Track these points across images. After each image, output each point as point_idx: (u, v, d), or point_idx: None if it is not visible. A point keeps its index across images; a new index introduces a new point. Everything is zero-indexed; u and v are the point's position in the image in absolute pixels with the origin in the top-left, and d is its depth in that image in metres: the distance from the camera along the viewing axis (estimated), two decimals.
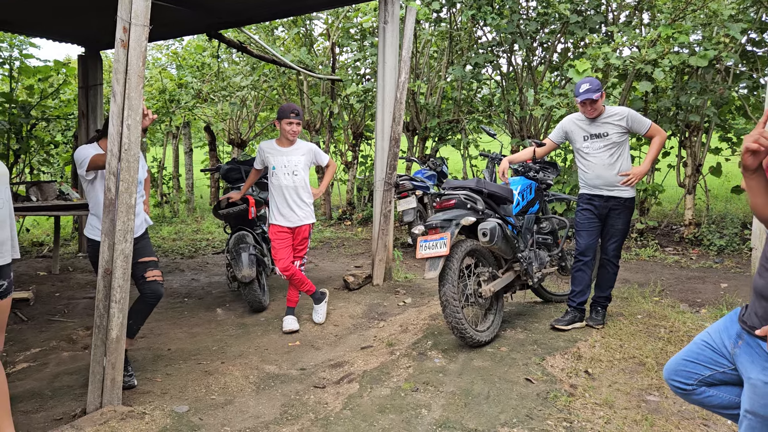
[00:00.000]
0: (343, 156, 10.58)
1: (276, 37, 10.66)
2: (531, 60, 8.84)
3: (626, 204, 4.48)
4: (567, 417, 3.25)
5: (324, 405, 3.51)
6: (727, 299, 5.38)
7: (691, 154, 7.83)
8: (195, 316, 5.34)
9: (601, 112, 4.45)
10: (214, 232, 9.55)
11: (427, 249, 4.06)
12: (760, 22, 7.25)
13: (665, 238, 8.15)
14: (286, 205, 4.76)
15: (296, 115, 4.70)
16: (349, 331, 4.85)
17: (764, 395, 1.95)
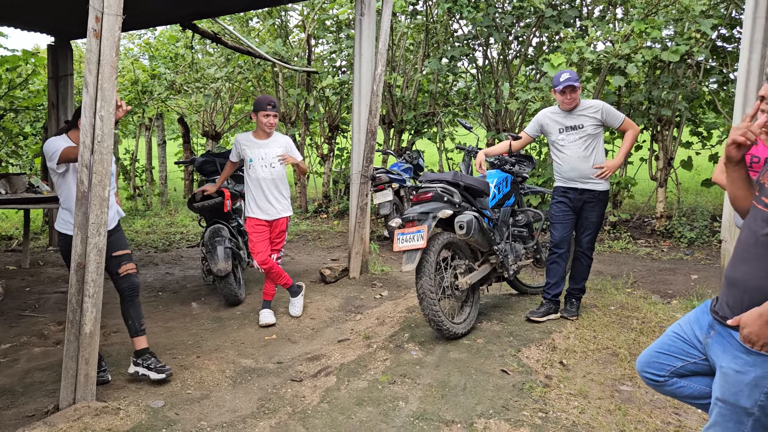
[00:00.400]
0: (319, 149, 10.53)
1: (251, 28, 10.55)
2: (506, 53, 8.89)
3: (600, 197, 4.54)
4: (542, 407, 3.29)
5: (301, 398, 3.51)
6: (698, 290, 5.50)
7: (663, 147, 7.96)
8: (170, 310, 5.28)
9: (577, 104, 4.50)
10: (188, 225, 9.44)
11: (405, 242, 4.07)
12: (730, 18, 7.39)
13: (638, 230, 8.29)
14: (264, 198, 4.73)
15: (273, 108, 4.65)
16: (326, 324, 4.84)
17: (735, 383, 2.00)
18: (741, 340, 1.97)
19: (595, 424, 3.12)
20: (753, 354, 1.95)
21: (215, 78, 10.08)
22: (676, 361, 2.29)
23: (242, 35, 9.22)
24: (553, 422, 3.14)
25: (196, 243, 8.14)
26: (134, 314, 3.75)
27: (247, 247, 5.10)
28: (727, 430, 2.05)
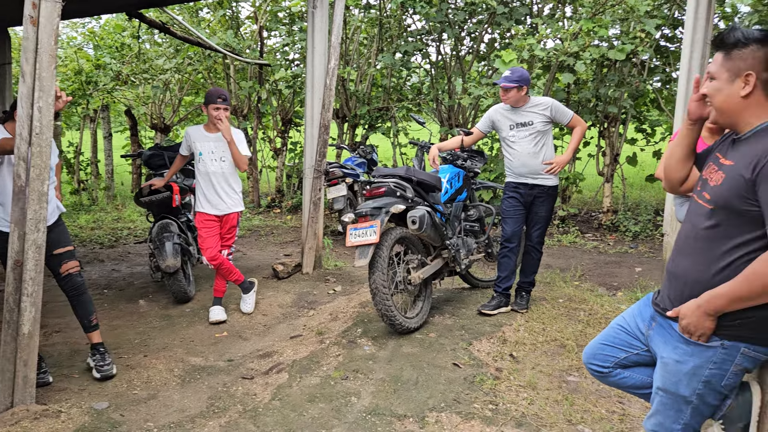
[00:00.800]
0: (272, 142, 10.39)
1: (201, 18, 10.30)
2: (459, 49, 8.95)
3: (549, 192, 4.63)
4: (493, 400, 3.34)
5: (252, 396, 3.46)
6: (641, 282, 5.68)
7: (610, 144, 8.18)
8: (116, 308, 5.12)
9: (525, 101, 4.57)
10: (136, 221, 9.18)
11: (357, 237, 4.05)
12: (673, 19, 7.63)
13: (585, 224, 8.50)
14: (214, 192, 4.63)
15: (223, 101, 4.55)
16: (278, 321, 4.79)
17: (675, 373, 2.06)
18: (680, 331, 2.03)
19: (543, 415, 3.18)
20: (691, 344, 2.02)
21: (164, 69, 9.81)
22: (620, 352, 2.35)
23: (192, 26, 9.00)
24: (502, 414, 3.19)
25: (144, 239, 7.92)
26: (82, 312, 3.70)
27: (197, 242, 5.00)
28: (668, 418, 2.12)
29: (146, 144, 11.64)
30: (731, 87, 1.96)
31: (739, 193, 1.89)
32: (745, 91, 1.93)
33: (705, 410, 2.08)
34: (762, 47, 1.90)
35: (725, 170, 1.97)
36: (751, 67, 1.91)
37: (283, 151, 10.29)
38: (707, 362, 2.00)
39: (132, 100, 10.80)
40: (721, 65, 1.98)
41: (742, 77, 1.93)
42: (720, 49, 2.00)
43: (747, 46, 1.92)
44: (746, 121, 1.97)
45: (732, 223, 1.93)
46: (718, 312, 1.93)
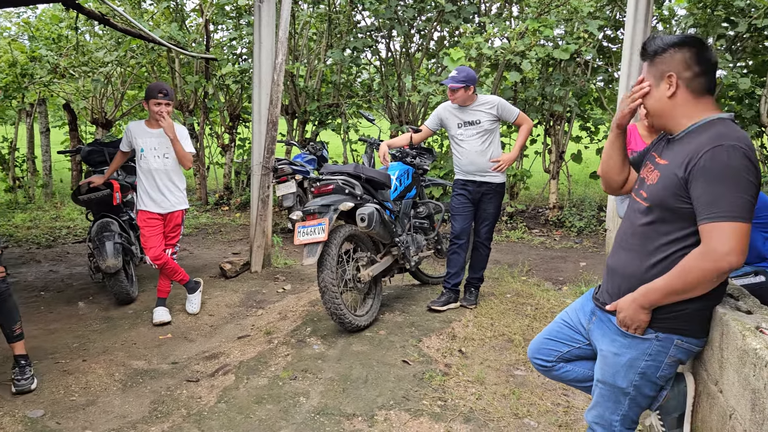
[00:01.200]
0: (219, 138, 10.17)
1: (143, 10, 9.98)
2: (409, 47, 8.98)
3: (497, 189, 4.69)
4: (441, 396, 3.36)
5: (197, 399, 3.38)
6: (585, 277, 5.83)
7: (555, 141, 8.36)
8: (53, 311, 4.92)
9: (473, 100, 4.61)
10: (75, 219, 8.84)
11: (305, 235, 4.01)
12: (615, 20, 7.86)
13: (532, 220, 8.67)
14: (157, 190, 4.50)
15: (165, 95, 4.42)
16: (226, 321, 4.70)
17: (613, 365, 2.12)
18: (617, 324, 2.09)
19: (491, 409, 3.22)
20: (628, 337, 2.08)
21: (104, 62, 9.45)
22: (563, 346, 2.40)
23: (134, 17, 8.71)
24: (451, 410, 3.21)
25: (83, 238, 7.64)
26: (4, 320, 3.44)
27: (140, 241, 4.85)
28: (607, 409, 2.17)
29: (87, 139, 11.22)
30: (658, 90, 2.06)
31: (673, 191, 1.95)
32: (670, 92, 2.02)
33: (642, 401, 2.15)
34: (679, 50, 2.01)
35: (660, 169, 2.04)
36: (671, 68, 2.01)
37: (231, 147, 10.09)
38: (643, 354, 2.06)
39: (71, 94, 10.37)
40: (647, 72, 2.10)
41: (665, 79, 2.02)
42: (644, 58, 2.12)
43: (666, 51, 2.03)
44: (677, 121, 2.05)
45: (666, 220, 2.00)
46: (653, 305, 1.99)
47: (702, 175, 1.86)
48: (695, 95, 2.01)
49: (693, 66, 1.99)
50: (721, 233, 1.82)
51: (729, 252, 1.81)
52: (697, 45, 2.01)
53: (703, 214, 1.86)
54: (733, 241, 1.81)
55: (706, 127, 1.96)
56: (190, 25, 10.09)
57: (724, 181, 1.83)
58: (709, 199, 1.84)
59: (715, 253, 1.83)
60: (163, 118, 4.36)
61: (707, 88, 2.02)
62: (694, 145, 1.93)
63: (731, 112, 2.05)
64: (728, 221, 1.81)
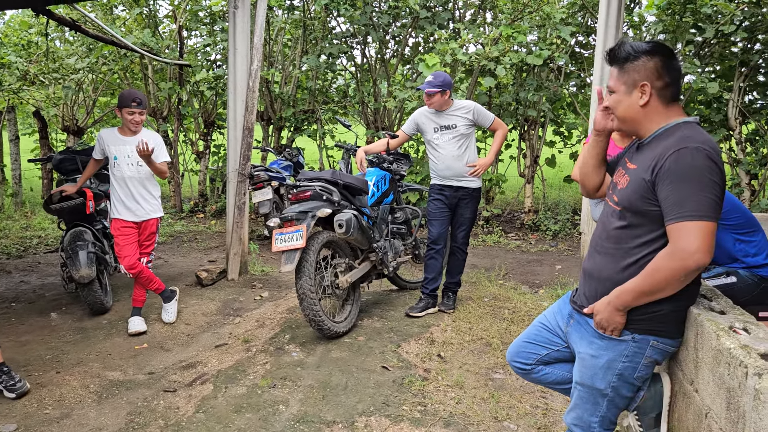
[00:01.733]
0: (194, 145, 10.08)
1: (116, 16, 9.86)
2: (384, 52, 9.00)
3: (473, 194, 4.73)
4: (421, 401, 3.36)
5: (175, 410, 3.33)
6: (561, 279, 5.89)
7: (530, 146, 8.45)
8: (25, 322, 4.81)
9: (449, 105, 4.65)
10: (47, 229, 8.67)
11: (283, 242, 3.99)
12: (587, 26, 7.98)
13: (508, 224, 8.74)
14: (131, 198, 4.44)
15: (138, 104, 4.37)
16: (203, 330, 4.64)
17: (591, 367, 2.15)
18: (594, 327, 2.12)
19: (471, 413, 3.23)
20: (605, 339, 2.11)
21: (76, 69, 9.31)
22: (542, 349, 2.43)
23: (105, 24, 8.59)
24: (431, 415, 3.22)
25: (56, 248, 7.50)
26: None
27: (114, 250, 4.77)
28: (586, 411, 2.20)
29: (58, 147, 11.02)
30: (630, 98, 2.08)
31: (642, 195, 2.00)
32: (642, 101, 2.05)
33: (620, 402, 2.18)
34: (651, 58, 2.03)
35: (630, 174, 2.09)
36: (645, 77, 2.03)
37: (205, 154, 10.00)
38: (620, 356, 2.09)
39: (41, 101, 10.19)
40: (617, 79, 2.10)
41: (638, 88, 2.04)
42: (614, 64, 2.11)
43: (638, 58, 2.04)
44: (646, 127, 2.09)
45: (637, 223, 2.04)
46: (627, 307, 2.03)
47: (667, 177, 1.91)
48: (665, 103, 2.06)
49: (664, 76, 2.03)
50: (687, 232, 1.86)
51: (696, 251, 1.86)
52: (667, 53, 2.05)
53: (669, 215, 1.91)
54: (699, 239, 1.85)
55: (672, 131, 2.01)
56: (164, 31, 10.00)
57: (688, 181, 1.87)
58: (675, 199, 1.89)
59: (683, 252, 1.87)
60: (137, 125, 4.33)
61: (675, 96, 2.07)
62: (660, 148, 1.98)
63: (697, 117, 2.10)
64: (694, 220, 1.86)
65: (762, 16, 6.73)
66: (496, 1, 8.59)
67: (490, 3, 8.61)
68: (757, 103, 8.00)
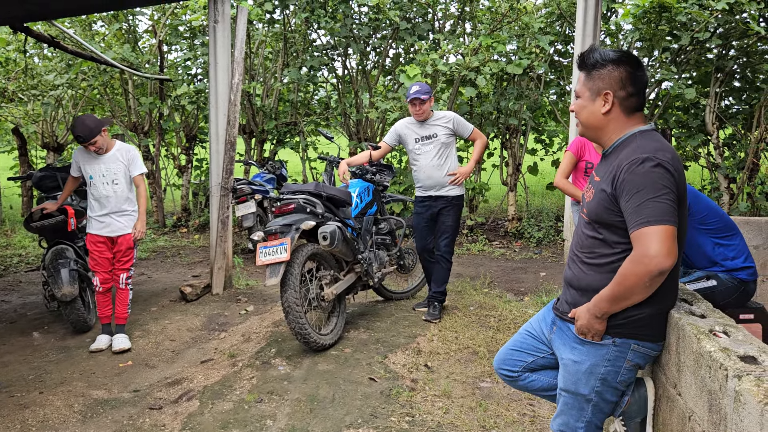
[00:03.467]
0: (176, 160, 10.03)
1: (95, 32, 9.81)
2: (365, 64, 9.05)
3: (454, 202, 4.76)
4: (409, 411, 3.36)
5: (161, 427, 3.30)
6: (546, 286, 5.93)
7: (512, 154, 8.52)
8: (6, 342, 4.74)
9: (429, 115, 4.69)
10: (27, 247, 8.56)
11: (267, 255, 3.98)
12: (565, 35, 8.09)
13: (492, 232, 8.79)
14: (106, 214, 4.42)
15: (84, 140, 4.27)
16: (188, 346, 4.60)
17: (574, 373, 2.17)
18: (576, 333, 2.14)
19: (459, 423, 3.24)
20: (586, 344, 2.13)
21: (55, 85, 9.24)
22: (528, 356, 2.44)
23: (84, 39, 8.55)
24: (419, 425, 3.21)
25: (37, 266, 7.40)
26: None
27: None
28: (571, 417, 2.22)
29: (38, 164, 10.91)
30: (593, 105, 2.12)
31: (606, 207, 2.05)
32: (605, 109, 2.10)
33: (605, 407, 2.20)
34: (617, 67, 2.07)
35: (595, 186, 2.14)
36: (608, 86, 2.08)
37: (188, 168, 9.95)
38: (602, 360, 2.12)
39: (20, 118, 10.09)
40: (583, 84, 2.15)
41: (602, 96, 2.08)
42: (582, 69, 2.16)
43: (604, 66, 2.08)
44: (608, 136, 2.14)
45: (606, 234, 2.09)
46: (605, 314, 2.06)
47: (624, 189, 1.97)
48: (627, 113, 2.10)
49: (628, 86, 2.07)
50: (646, 238, 1.91)
51: (656, 254, 1.90)
52: (633, 64, 2.08)
53: (630, 224, 1.96)
54: (658, 243, 1.90)
55: (627, 141, 2.07)
56: (143, 46, 9.97)
57: (642, 190, 1.93)
58: (632, 209, 1.95)
59: (645, 257, 1.91)
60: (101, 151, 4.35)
61: (638, 107, 2.11)
62: (617, 161, 2.04)
63: (653, 124, 2.14)
64: (651, 225, 1.91)
65: (735, 23, 6.88)
66: (475, 12, 8.68)
67: (469, 14, 8.71)
68: (733, 108, 8.15)
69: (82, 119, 4.30)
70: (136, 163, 4.51)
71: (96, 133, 4.31)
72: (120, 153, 4.46)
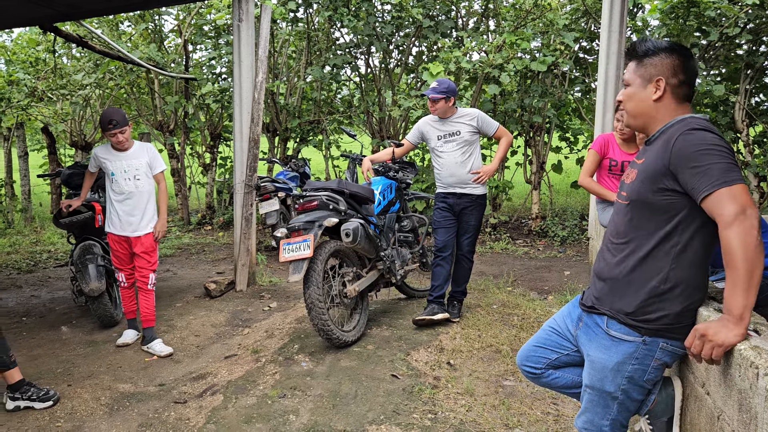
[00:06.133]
0: (200, 158, 10.14)
1: (122, 32, 9.97)
2: (388, 62, 9.05)
3: (478, 200, 4.72)
4: (431, 409, 3.35)
5: (185, 421, 3.33)
6: (570, 285, 5.87)
7: (536, 152, 8.45)
8: (36, 336, 4.84)
9: (452, 112, 4.66)
10: (56, 243, 8.73)
11: (291, 252, 4.00)
12: (590, 32, 8.00)
13: (516, 231, 8.72)
14: (128, 213, 4.41)
15: (115, 125, 4.30)
16: (212, 341, 4.65)
17: (600, 370, 2.14)
18: (712, 358, 1.87)
19: (481, 421, 3.22)
20: (614, 342, 2.10)
21: (83, 84, 9.41)
22: (552, 353, 2.42)
23: (112, 39, 8.69)
24: (441, 422, 3.20)
25: (65, 262, 7.54)
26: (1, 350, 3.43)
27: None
28: (596, 415, 2.19)
29: (66, 162, 11.12)
30: (644, 91, 2.10)
31: (651, 182, 2.01)
32: (656, 95, 2.07)
33: (631, 405, 2.16)
34: (670, 55, 2.06)
35: (638, 168, 2.11)
36: (660, 72, 2.06)
37: (212, 166, 10.06)
38: (630, 358, 2.08)
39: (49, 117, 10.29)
40: (633, 72, 2.13)
41: (653, 82, 2.06)
42: (633, 58, 2.15)
43: (657, 54, 2.08)
44: (655, 125, 2.11)
45: (644, 216, 2.05)
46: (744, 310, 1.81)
47: (682, 156, 1.92)
48: (677, 101, 2.08)
49: (679, 74, 2.06)
50: (729, 197, 1.81)
51: (746, 205, 1.80)
52: (686, 53, 2.08)
53: (701, 190, 1.86)
54: (743, 197, 1.81)
55: (675, 123, 2.04)
56: (169, 45, 10.09)
57: (705, 154, 1.87)
58: (700, 174, 1.87)
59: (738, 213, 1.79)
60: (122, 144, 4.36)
61: (688, 96, 2.09)
62: (665, 137, 2.02)
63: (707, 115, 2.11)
64: (728, 185, 1.83)
65: (766, 18, 6.73)
66: (499, 9, 8.62)
67: (493, 11, 8.65)
68: (763, 105, 7.98)
69: (113, 109, 4.39)
70: (158, 159, 4.54)
71: (127, 121, 4.40)
72: (142, 149, 4.48)
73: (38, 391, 3.52)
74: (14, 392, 3.49)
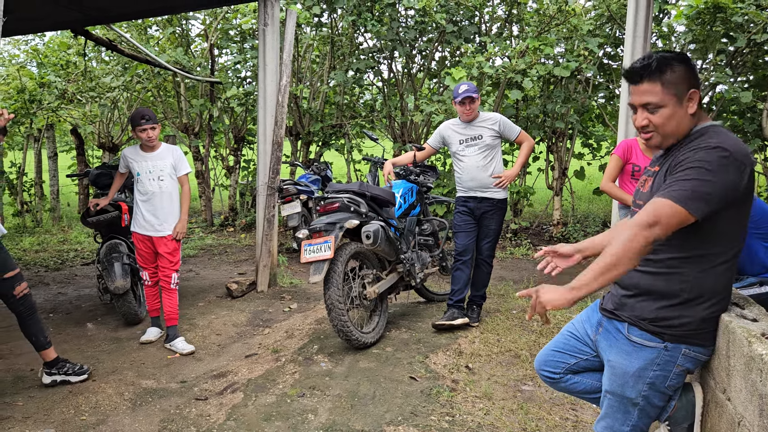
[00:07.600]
0: (224, 160, 10.28)
1: (150, 36, 10.15)
2: (411, 67, 9.09)
3: (499, 205, 4.71)
4: (449, 411, 3.36)
5: (206, 417, 3.39)
6: None
7: (558, 158, 8.41)
8: (62, 332, 4.94)
9: (476, 116, 4.67)
10: (83, 242, 8.90)
11: (312, 253, 4.04)
12: (614, 38, 7.94)
13: (537, 237, 8.68)
14: (151, 214, 4.48)
15: (148, 120, 4.41)
16: (233, 340, 4.71)
17: (621, 375, 2.13)
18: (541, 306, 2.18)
19: (499, 425, 3.22)
20: (636, 347, 2.09)
21: (111, 87, 9.61)
22: (570, 358, 2.41)
23: (140, 43, 8.86)
24: (459, 425, 3.21)
25: (92, 260, 7.69)
26: (36, 330, 3.74)
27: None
28: (616, 420, 2.18)
29: (94, 163, 11.34)
30: (681, 109, 2.01)
31: None
32: (693, 109, 2.02)
33: (651, 411, 2.15)
34: (686, 65, 2.02)
35: (653, 175, 2.10)
36: (691, 85, 2.01)
37: (236, 169, 10.18)
38: (651, 364, 2.07)
39: (78, 119, 10.51)
40: (662, 93, 2.00)
41: (688, 96, 2.01)
42: (651, 80, 2.00)
43: (677, 67, 1.99)
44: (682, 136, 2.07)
45: None
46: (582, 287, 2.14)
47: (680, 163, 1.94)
48: (700, 107, 2.06)
49: (697, 81, 2.04)
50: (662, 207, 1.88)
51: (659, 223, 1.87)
52: (688, 59, 2.05)
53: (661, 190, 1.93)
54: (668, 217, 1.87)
55: (698, 132, 2.02)
56: (195, 49, 10.26)
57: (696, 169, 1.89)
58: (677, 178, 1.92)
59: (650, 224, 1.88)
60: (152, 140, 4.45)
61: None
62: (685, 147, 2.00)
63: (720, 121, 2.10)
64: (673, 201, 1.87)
65: None
66: (523, 14, 8.61)
67: (517, 16, 8.64)
68: None
69: (144, 108, 4.52)
70: (183, 161, 4.62)
71: (157, 120, 4.52)
72: (168, 151, 4.57)
73: (73, 366, 3.84)
74: (51, 368, 3.79)
